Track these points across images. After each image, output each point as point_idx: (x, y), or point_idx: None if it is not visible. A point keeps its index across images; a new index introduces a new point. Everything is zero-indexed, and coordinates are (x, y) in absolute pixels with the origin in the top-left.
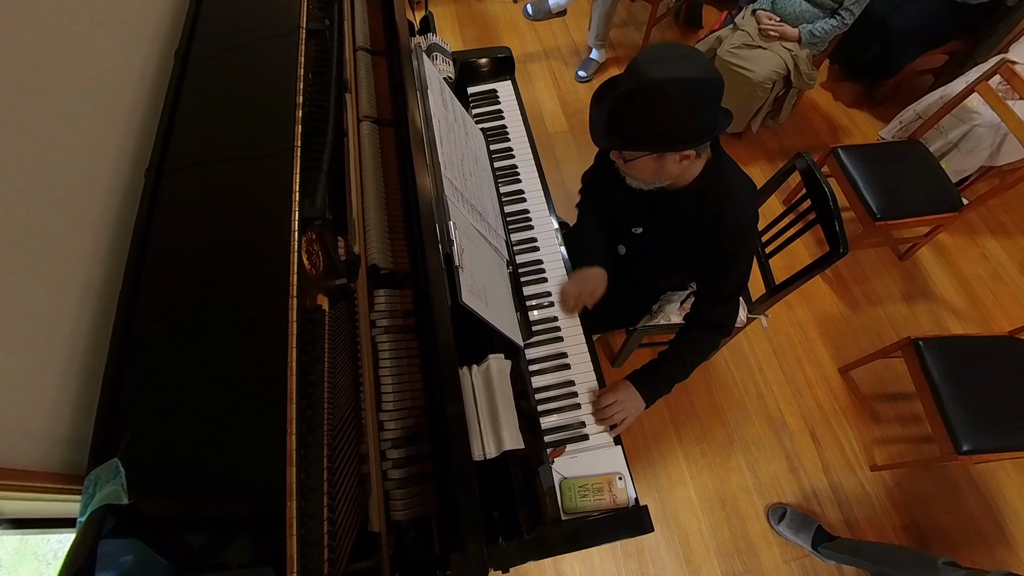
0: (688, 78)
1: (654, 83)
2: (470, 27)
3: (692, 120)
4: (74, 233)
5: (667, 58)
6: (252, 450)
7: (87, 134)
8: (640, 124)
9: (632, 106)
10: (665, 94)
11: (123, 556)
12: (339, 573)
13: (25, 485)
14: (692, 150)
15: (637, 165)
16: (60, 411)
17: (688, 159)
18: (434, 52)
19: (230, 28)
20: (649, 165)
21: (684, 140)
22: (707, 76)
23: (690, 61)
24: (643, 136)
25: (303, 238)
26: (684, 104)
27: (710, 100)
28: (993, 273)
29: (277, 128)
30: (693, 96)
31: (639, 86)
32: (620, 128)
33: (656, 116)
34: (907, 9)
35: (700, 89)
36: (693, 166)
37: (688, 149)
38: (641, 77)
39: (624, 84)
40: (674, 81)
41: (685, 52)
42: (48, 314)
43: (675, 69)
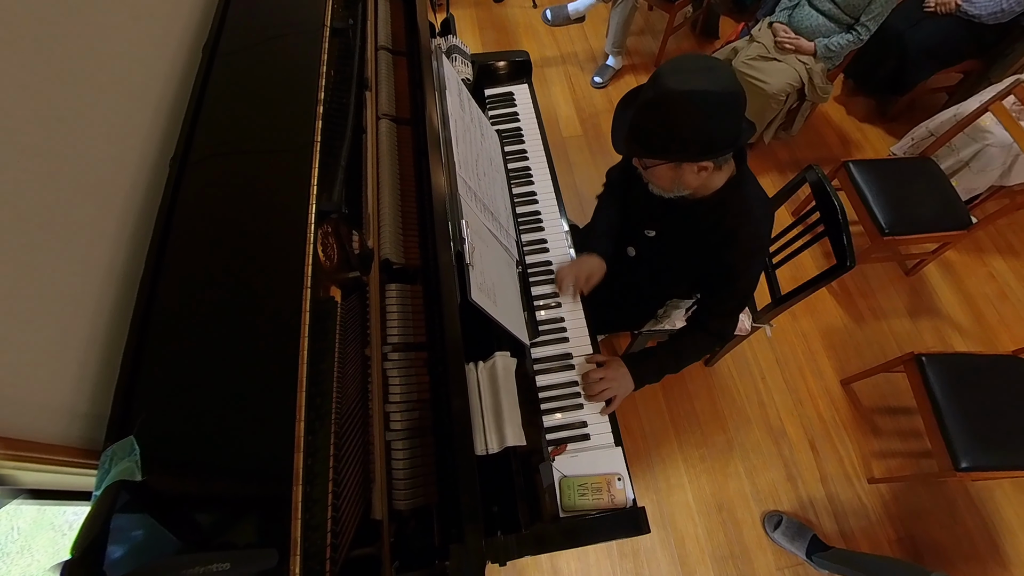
0: (708, 91)
1: (674, 94)
2: (490, 30)
3: (710, 132)
4: (100, 217)
5: (690, 69)
6: (261, 435)
7: (117, 123)
8: (659, 133)
9: (652, 115)
10: (684, 106)
11: (135, 530)
12: (341, 558)
13: (45, 458)
14: (710, 162)
15: (656, 172)
16: (80, 388)
17: (706, 170)
18: (453, 54)
19: (257, 25)
20: (667, 173)
21: (701, 152)
22: (728, 90)
23: (713, 74)
24: (661, 145)
25: (319, 231)
26: (702, 116)
27: (730, 113)
28: (999, 292)
29: (298, 123)
30: (712, 109)
31: (660, 96)
32: (640, 136)
33: (675, 126)
34: (924, 27)
35: (720, 102)
36: (714, 178)
37: (705, 160)
38: (662, 88)
39: (647, 93)
40: (694, 93)
41: (709, 64)
42: (73, 294)
43: (696, 81)
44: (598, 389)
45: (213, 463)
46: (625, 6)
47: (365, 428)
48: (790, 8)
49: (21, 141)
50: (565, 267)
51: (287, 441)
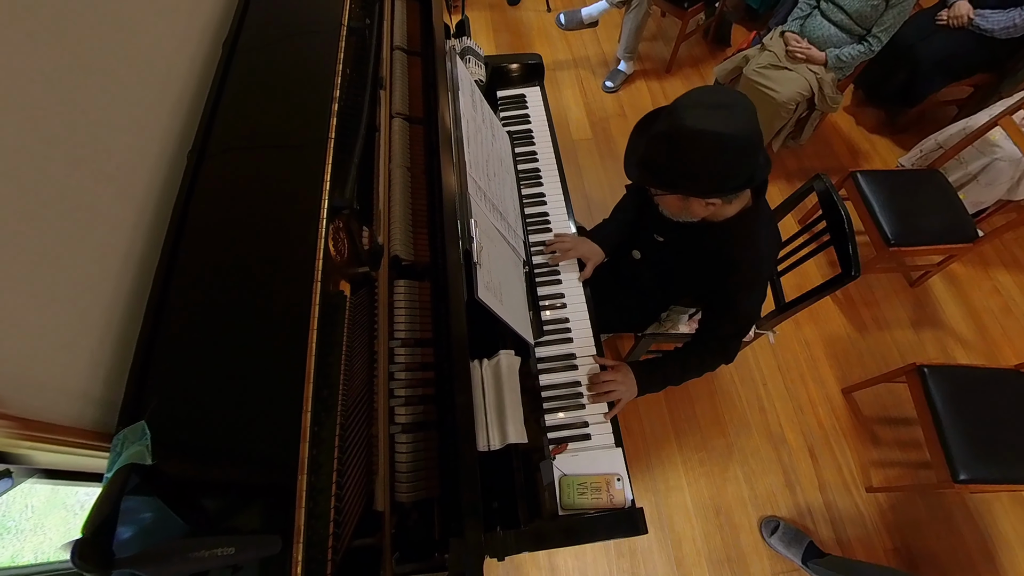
0: (722, 133)
1: (688, 131)
2: (504, 33)
3: (721, 173)
4: (119, 206)
5: (707, 105)
6: (269, 424)
7: (137, 115)
8: (669, 166)
9: (664, 149)
10: (696, 145)
11: (143, 513)
12: (343, 547)
13: (59, 439)
14: (717, 199)
15: (665, 198)
16: (95, 372)
17: (715, 204)
18: (467, 55)
19: (276, 22)
20: (675, 202)
21: (711, 190)
22: (743, 132)
23: (730, 113)
24: (670, 179)
25: (331, 226)
26: (714, 158)
27: (743, 156)
28: (1004, 306)
29: (313, 119)
30: (725, 151)
31: (673, 131)
32: (651, 166)
33: (685, 164)
34: (935, 39)
35: (733, 145)
36: (725, 208)
37: (713, 198)
38: (677, 122)
39: (661, 124)
40: (707, 133)
41: (729, 101)
42: (91, 280)
43: (712, 121)
44: (604, 390)
45: (221, 450)
46: (638, 12)
47: (370, 421)
48: (802, 18)
49: (46, 130)
50: (569, 237)
51: (293, 431)
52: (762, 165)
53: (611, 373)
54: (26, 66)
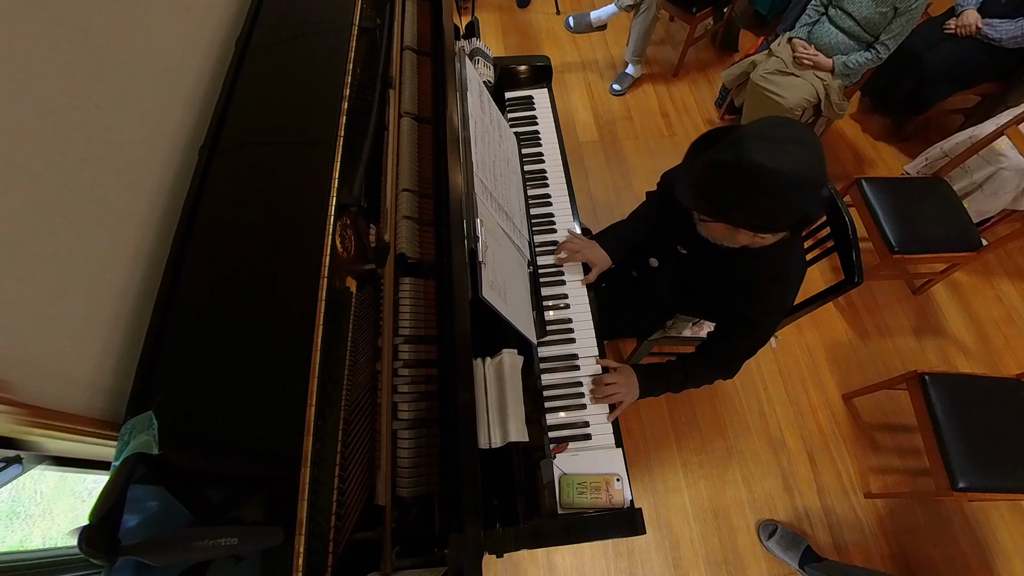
0: (791, 173)
1: (751, 165)
2: (513, 35)
3: (780, 212)
4: (131, 200)
5: (778, 139)
6: (273, 417)
7: (150, 111)
8: (724, 196)
9: (722, 177)
10: (758, 180)
11: (149, 501)
12: (344, 540)
13: (69, 427)
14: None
15: (711, 224)
16: (105, 363)
17: (762, 238)
18: (477, 56)
19: (289, 21)
20: (721, 229)
21: (764, 227)
22: (808, 173)
23: (800, 149)
24: (724, 209)
25: (338, 223)
26: (773, 195)
27: (806, 197)
28: (1006, 316)
29: (323, 118)
30: (786, 190)
31: (739, 161)
32: (705, 191)
33: (742, 197)
34: (943, 48)
35: (799, 185)
36: (770, 237)
37: (766, 234)
38: (744, 154)
39: (724, 152)
40: (775, 172)
41: (799, 136)
42: (102, 272)
43: (781, 158)
44: (607, 392)
45: (226, 442)
46: (646, 16)
47: (373, 416)
48: (810, 24)
49: (60, 124)
50: (580, 240)
51: (298, 425)
52: (819, 203)
53: (614, 376)
54: (42, 60)
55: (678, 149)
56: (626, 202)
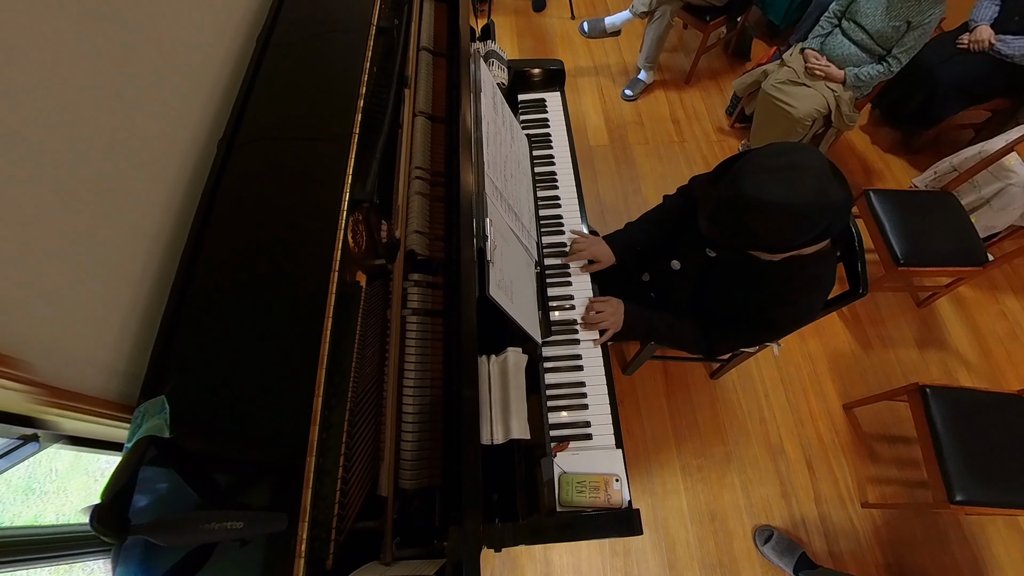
0: (784, 203)
1: (747, 200)
2: (527, 38)
3: (785, 236)
4: (151, 190)
5: (774, 168)
6: (281, 406)
7: (172, 103)
8: (736, 229)
9: (727, 213)
10: (758, 214)
11: (159, 483)
12: (346, 528)
13: (84, 408)
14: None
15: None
16: (121, 347)
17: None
18: (491, 58)
19: (308, 20)
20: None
21: (778, 250)
22: (808, 198)
23: (795, 178)
24: (737, 240)
25: (350, 218)
26: (777, 226)
27: (808, 219)
28: (1010, 331)
29: (339, 115)
30: (788, 220)
31: (735, 197)
32: (717, 225)
33: (750, 228)
34: (955, 63)
35: (797, 214)
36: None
37: (781, 256)
38: (741, 190)
39: (726, 190)
40: (767, 204)
41: (795, 162)
42: (120, 259)
43: (773, 188)
44: (595, 319)
45: (235, 428)
46: (660, 23)
47: (378, 408)
48: (823, 36)
49: (86, 114)
50: (586, 238)
51: (304, 414)
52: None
53: (602, 303)
54: (71, 51)
55: (688, 155)
56: (634, 206)
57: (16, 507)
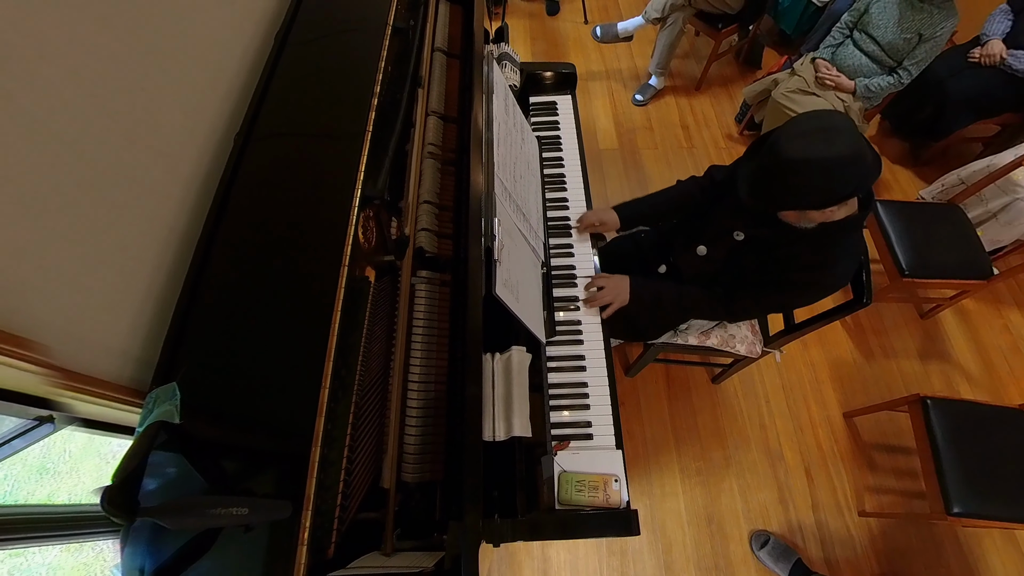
0: (824, 157)
1: (789, 161)
2: (541, 41)
3: (829, 191)
4: (168, 182)
5: (808, 132)
6: (289, 397)
7: (191, 97)
8: (778, 192)
9: (770, 178)
10: (799, 171)
11: (168, 467)
12: (348, 518)
13: (99, 392)
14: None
15: (783, 212)
16: (135, 334)
17: (831, 211)
18: (504, 60)
19: (326, 19)
20: (792, 214)
21: (823, 204)
22: (844, 153)
23: (830, 136)
24: (782, 201)
25: (361, 214)
26: (818, 178)
27: (847, 172)
28: (1013, 345)
29: (354, 113)
30: (829, 172)
31: (777, 163)
32: (763, 194)
33: (792, 188)
34: (966, 76)
35: (837, 165)
36: (839, 211)
37: (827, 208)
38: (780, 155)
39: (765, 157)
40: (808, 161)
41: (828, 125)
42: (137, 248)
43: (812, 148)
44: (595, 295)
45: (243, 417)
46: (672, 29)
47: (383, 402)
48: (834, 46)
49: (108, 106)
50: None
51: (311, 405)
52: (871, 171)
53: (603, 279)
54: (95, 45)
55: (696, 161)
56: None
57: (31, 486)
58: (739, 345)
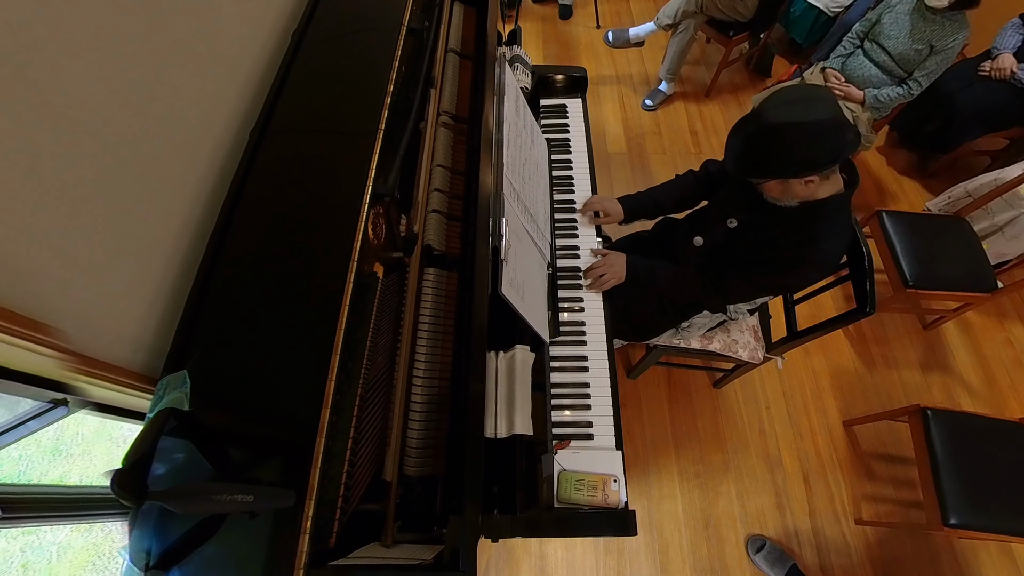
0: (802, 122)
1: (771, 127)
2: (553, 45)
3: (809, 156)
4: (185, 174)
5: (789, 101)
6: (295, 388)
7: (209, 91)
8: (762, 158)
9: (756, 146)
10: (781, 135)
11: (176, 453)
12: (350, 509)
13: (112, 377)
14: (814, 176)
15: (766, 186)
16: (148, 322)
17: (813, 182)
18: (516, 63)
19: (342, 18)
20: (776, 187)
21: (804, 170)
22: (822, 119)
23: (809, 104)
24: (766, 168)
25: (371, 211)
26: (799, 144)
27: (826, 138)
28: (1015, 359)
29: (366, 111)
30: (808, 136)
31: (759, 128)
32: (748, 162)
33: (774, 153)
34: (976, 89)
35: (815, 130)
36: (823, 188)
37: (810, 176)
38: (762, 121)
39: (749, 125)
40: (788, 125)
41: (806, 95)
42: (153, 239)
43: (791, 114)
44: (596, 266)
45: (251, 406)
46: (684, 36)
47: (388, 396)
48: (844, 56)
49: (130, 99)
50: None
51: (317, 397)
52: (851, 141)
53: (602, 254)
54: (118, 39)
55: None
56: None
57: (44, 466)
58: (741, 350)
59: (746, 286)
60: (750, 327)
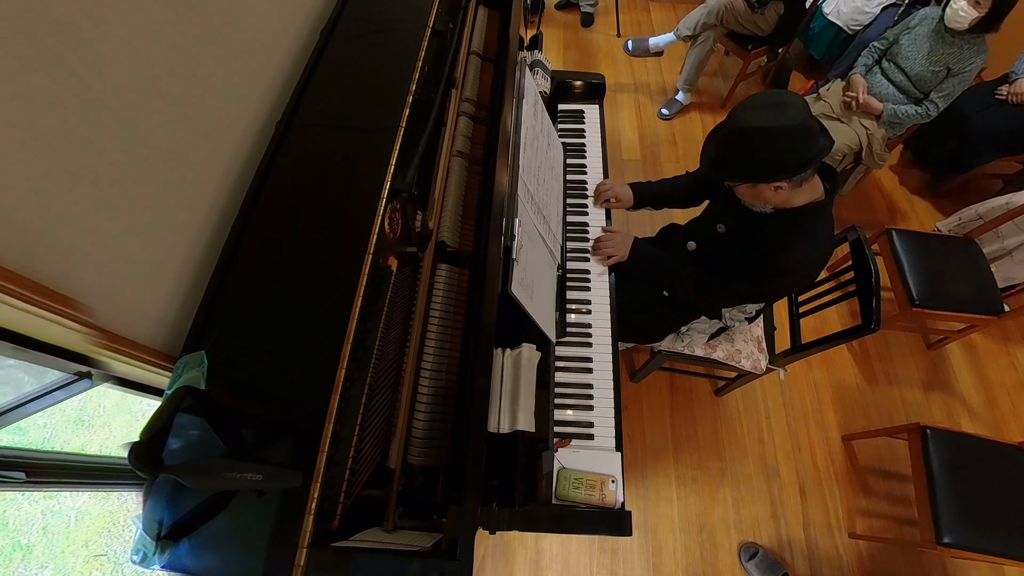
0: (770, 127)
1: (743, 129)
2: (573, 51)
3: (775, 160)
4: (212, 162)
5: (762, 105)
6: (307, 373)
7: (239, 84)
8: (730, 161)
9: (725, 147)
10: (748, 139)
11: (191, 430)
12: (354, 493)
13: (134, 353)
14: (784, 182)
15: (739, 190)
16: (171, 303)
17: (783, 189)
18: (536, 67)
19: (370, 17)
20: (748, 191)
21: (771, 175)
22: (790, 124)
23: (780, 110)
24: (735, 171)
25: (389, 206)
26: (765, 148)
27: (794, 143)
28: (1018, 383)
29: (389, 108)
30: (774, 141)
31: (730, 131)
32: (719, 163)
33: (741, 157)
34: (992, 113)
35: (782, 135)
36: (795, 195)
37: (777, 182)
38: (735, 123)
39: (721, 129)
40: (756, 129)
41: (778, 100)
42: (178, 223)
43: (761, 118)
44: (603, 240)
45: (264, 388)
46: (703, 48)
47: (396, 387)
48: (867, 66)
49: (163, 88)
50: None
51: (327, 383)
52: (822, 148)
53: (611, 231)
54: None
55: None
56: (659, 220)
57: (67, 435)
58: (744, 360)
59: (729, 291)
60: (754, 337)
